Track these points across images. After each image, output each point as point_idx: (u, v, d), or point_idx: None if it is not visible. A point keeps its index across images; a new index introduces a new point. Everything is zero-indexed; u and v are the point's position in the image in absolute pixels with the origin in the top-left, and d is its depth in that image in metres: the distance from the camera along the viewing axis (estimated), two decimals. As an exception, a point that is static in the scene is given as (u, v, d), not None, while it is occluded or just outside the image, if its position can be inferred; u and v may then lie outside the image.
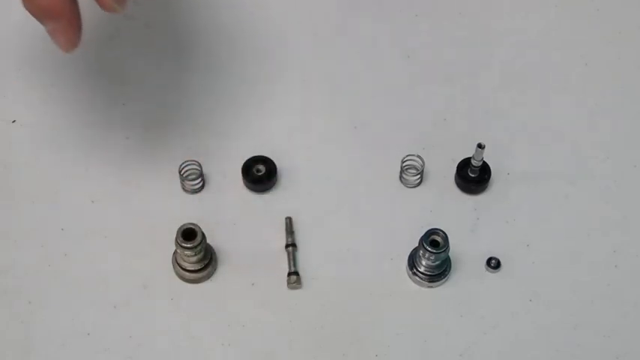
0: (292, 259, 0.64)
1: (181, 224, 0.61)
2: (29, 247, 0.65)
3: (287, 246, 0.65)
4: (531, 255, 0.65)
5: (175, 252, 0.63)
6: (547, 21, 0.76)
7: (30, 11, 0.55)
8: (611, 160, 0.69)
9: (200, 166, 0.66)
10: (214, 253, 0.64)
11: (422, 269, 0.63)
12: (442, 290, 0.64)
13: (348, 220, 0.66)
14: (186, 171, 0.66)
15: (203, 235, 0.61)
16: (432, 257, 0.62)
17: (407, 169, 0.68)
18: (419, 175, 0.67)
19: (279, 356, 0.61)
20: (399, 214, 0.67)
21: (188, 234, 0.61)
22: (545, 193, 0.68)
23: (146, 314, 0.62)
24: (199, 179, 0.67)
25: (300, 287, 0.63)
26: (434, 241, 0.62)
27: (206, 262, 0.63)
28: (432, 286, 0.64)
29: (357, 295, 0.63)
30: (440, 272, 0.63)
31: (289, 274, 0.63)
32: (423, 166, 0.67)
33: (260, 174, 0.67)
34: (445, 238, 0.62)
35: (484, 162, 0.66)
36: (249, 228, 0.66)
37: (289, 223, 0.66)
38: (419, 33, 0.75)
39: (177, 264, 0.63)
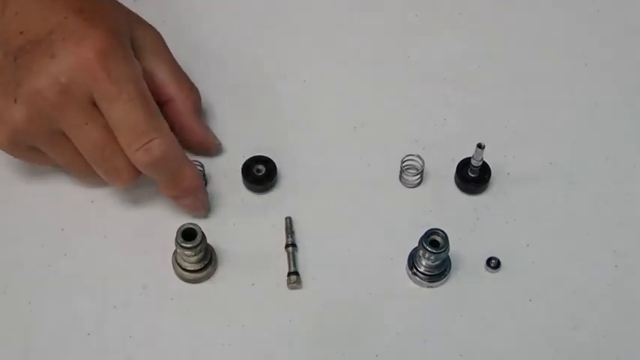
0: (292, 259, 0.64)
1: (181, 224, 0.61)
2: (29, 247, 0.65)
3: (287, 246, 0.65)
4: (531, 255, 0.65)
5: (175, 252, 0.63)
6: (547, 21, 0.76)
7: (172, 195, 0.64)
8: (611, 160, 0.69)
9: (202, 166, 0.66)
10: (214, 253, 0.64)
11: (422, 269, 0.63)
12: (442, 290, 0.64)
13: (348, 220, 0.66)
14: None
15: (203, 235, 0.61)
16: (432, 257, 0.62)
17: (407, 169, 0.68)
18: (419, 175, 0.67)
19: (279, 356, 0.61)
20: (399, 214, 0.67)
21: (188, 234, 0.61)
22: (545, 193, 0.68)
23: (146, 314, 0.62)
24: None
25: (300, 287, 0.63)
26: (434, 241, 0.62)
27: (206, 262, 0.63)
28: (432, 286, 0.64)
29: (357, 295, 0.63)
30: (440, 272, 0.63)
31: (289, 274, 0.63)
32: (423, 166, 0.67)
33: (260, 174, 0.67)
34: (445, 238, 0.62)
35: (484, 162, 0.66)
36: (249, 228, 0.66)
37: (289, 223, 0.66)
38: (419, 33, 0.75)
39: (177, 264, 0.63)
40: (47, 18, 0.59)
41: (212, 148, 0.68)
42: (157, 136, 0.60)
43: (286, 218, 0.66)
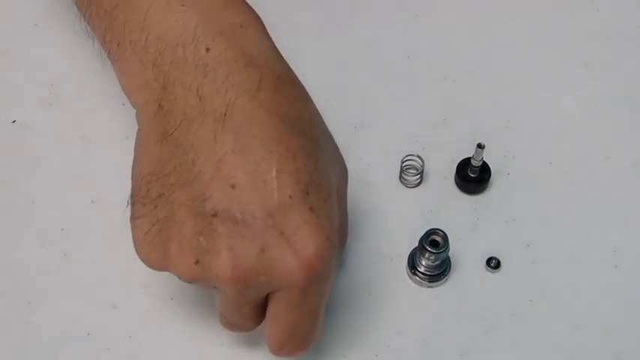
0: (292, 259, 0.64)
1: (181, 224, 0.61)
2: (29, 247, 0.65)
3: (287, 246, 0.64)
4: (531, 255, 0.65)
5: (175, 252, 0.63)
6: (547, 21, 0.76)
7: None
8: (611, 160, 0.69)
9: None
10: (214, 253, 0.64)
11: (422, 269, 0.63)
12: (442, 290, 0.64)
13: (348, 220, 0.66)
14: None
15: (203, 235, 0.61)
16: (432, 257, 0.62)
17: (407, 169, 0.68)
18: (419, 175, 0.67)
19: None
20: (399, 214, 0.67)
21: (188, 234, 0.61)
22: (545, 193, 0.68)
23: (146, 314, 0.62)
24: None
25: (300, 287, 0.63)
26: (434, 241, 0.62)
27: (206, 262, 0.63)
28: (432, 286, 0.64)
29: (357, 295, 0.63)
30: (440, 272, 0.63)
31: (289, 274, 0.63)
32: (422, 166, 0.67)
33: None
34: (445, 238, 0.62)
35: (484, 162, 0.66)
36: (249, 228, 0.66)
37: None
38: (419, 33, 0.75)
39: (177, 264, 0.63)
40: (269, 187, 0.50)
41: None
42: (305, 350, 0.56)
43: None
